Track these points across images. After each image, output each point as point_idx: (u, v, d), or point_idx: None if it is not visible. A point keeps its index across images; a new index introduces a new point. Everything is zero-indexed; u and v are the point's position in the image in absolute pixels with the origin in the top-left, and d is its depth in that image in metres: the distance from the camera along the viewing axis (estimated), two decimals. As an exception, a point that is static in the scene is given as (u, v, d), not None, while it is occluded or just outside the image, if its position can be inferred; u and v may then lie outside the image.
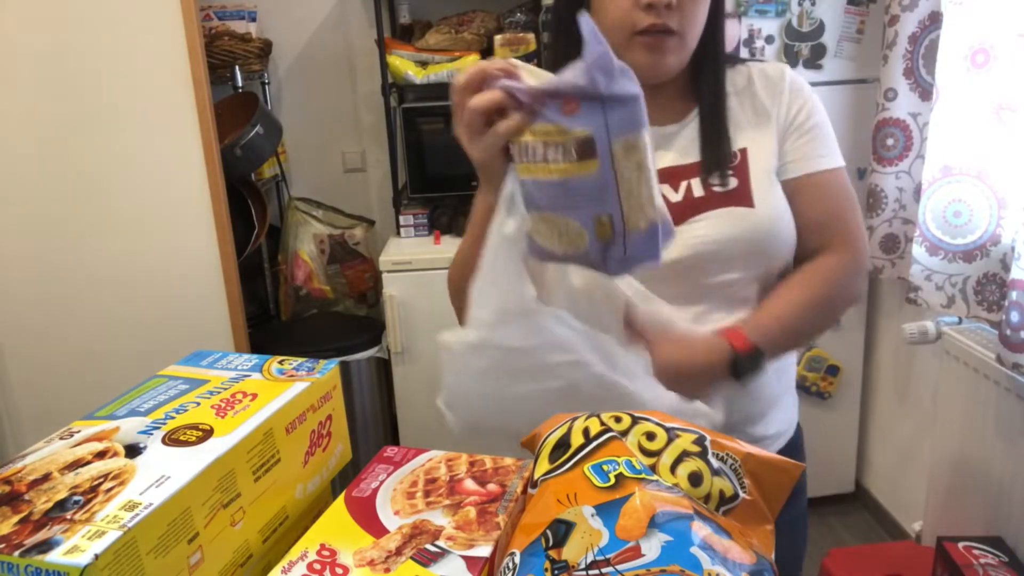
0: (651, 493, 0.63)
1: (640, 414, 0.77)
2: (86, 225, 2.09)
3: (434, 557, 0.65)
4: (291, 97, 2.72)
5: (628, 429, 0.74)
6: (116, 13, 1.95)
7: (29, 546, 0.56)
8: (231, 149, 2.24)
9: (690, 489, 0.68)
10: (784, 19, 2.03)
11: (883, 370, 2.33)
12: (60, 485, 0.64)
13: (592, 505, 0.63)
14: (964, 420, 1.73)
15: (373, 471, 0.79)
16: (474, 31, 2.34)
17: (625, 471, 0.66)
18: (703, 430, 0.74)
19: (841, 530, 2.38)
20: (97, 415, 0.76)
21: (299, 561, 0.65)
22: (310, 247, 2.59)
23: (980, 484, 1.69)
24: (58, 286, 2.13)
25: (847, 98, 2.10)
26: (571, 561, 0.59)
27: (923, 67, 1.88)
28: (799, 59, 2.06)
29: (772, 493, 0.71)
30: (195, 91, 2.01)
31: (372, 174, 2.80)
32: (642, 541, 0.58)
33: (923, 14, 1.85)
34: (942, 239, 1.78)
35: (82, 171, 2.06)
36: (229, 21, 2.54)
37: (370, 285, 2.66)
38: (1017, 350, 1.49)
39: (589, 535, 0.60)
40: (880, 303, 2.31)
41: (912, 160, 1.96)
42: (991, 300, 1.70)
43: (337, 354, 2.32)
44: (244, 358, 0.88)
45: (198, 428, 0.71)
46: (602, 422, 0.75)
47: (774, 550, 0.68)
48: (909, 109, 1.93)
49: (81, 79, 1.99)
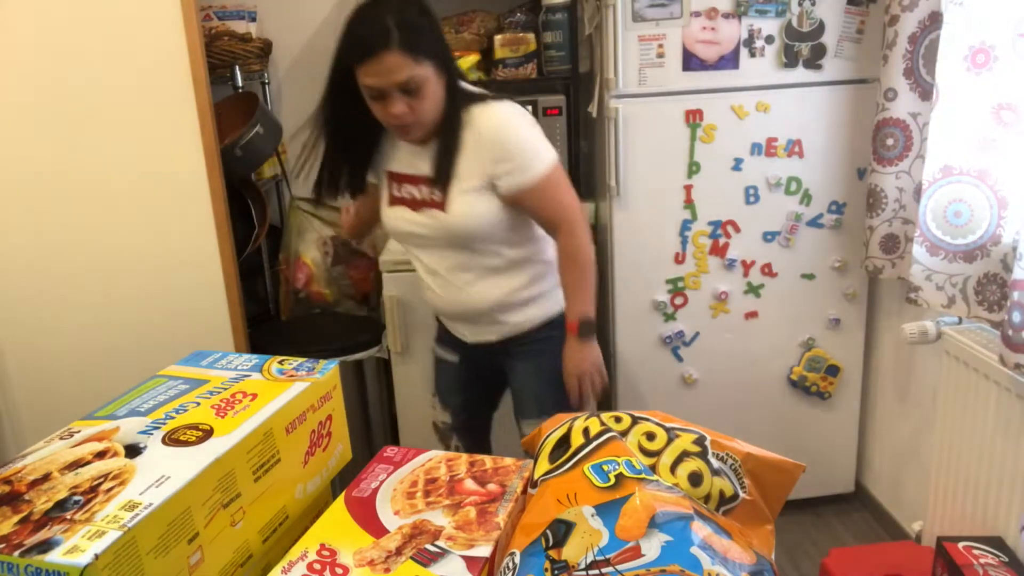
0: (651, 493, 0.63)
1: (640, 414, 0.77)
2: (86, 225, 2.09)
3: (434, 557, 0.65)
4: (291, 97, 2.72)
5: (628, 429, 0.74)
6: (116, 13, 1.95)
7: (29, 546, 0.56)
8: (231, 149, 2.24)
9: (690, 489, 0.68)
10: (784, 19, 2.03)
11: (883, 370, 2.33)
12: (60, 485, 0.64)
13: (592, 505, 0.63)
14: (964, 420, 1.73)
15: (373, 471, 0.79)
16: (474, 31, 2.34)
17: (625, 471, 0.66)
18: (703, 430, 0.74)
19: (841, 530, 2.38)
20: (97, 415, 0.76)
21: (299, 561, 0.65)
22: (313, 252, 2.59)
23: (980, 484, 1.69)
24: (58, 286, 2.13)
25: (847, 98, 2.10)
26: (571, 561, 0.59)
27: (923, 67, 1.88)
28: (799, 59, 2.07)
29: (772, 493, 0.71)
30: (195, 91, 2.01)
31: (372, 174, 2.80)
32: (642, 541, 0.58)
33: (923, 14, 1.84)
34: (942, 239, 1.79)
35: (82, 171, 2.06)
36: (229, 21, 2.54)
37: (374, 286, 2.66)
38: (1019, 350, 1.49)
39: (589, 535, 0.60)
40: (880, 303, 2.31)
41: (912, 160, 1.96)
42: (991, 300, 1.70)
43: (337, 354, 2.31)
44: (244, 358, 0.88)
45: (198, 428, 0.71)
46: (602, 422, 0.75)
47: (774, 550, 0.68)
48: (909, 109, 1.93)
49: (81, 79, 1.99)
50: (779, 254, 2.22)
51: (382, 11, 1.39)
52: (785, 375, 2.33)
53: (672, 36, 2.03)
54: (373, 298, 2.68)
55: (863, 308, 2.30)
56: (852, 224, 2.19)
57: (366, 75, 1.41)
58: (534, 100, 2.31)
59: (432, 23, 1.45)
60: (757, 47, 2.05)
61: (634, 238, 2.19)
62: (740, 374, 2.31)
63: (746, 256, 2.22)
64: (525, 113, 1.56)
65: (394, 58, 1.37)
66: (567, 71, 2.33)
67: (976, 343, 1.69)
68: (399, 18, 1.38)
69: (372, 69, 1.39)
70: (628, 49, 2.03)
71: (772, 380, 2.34)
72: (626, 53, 2.04)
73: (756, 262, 2.23)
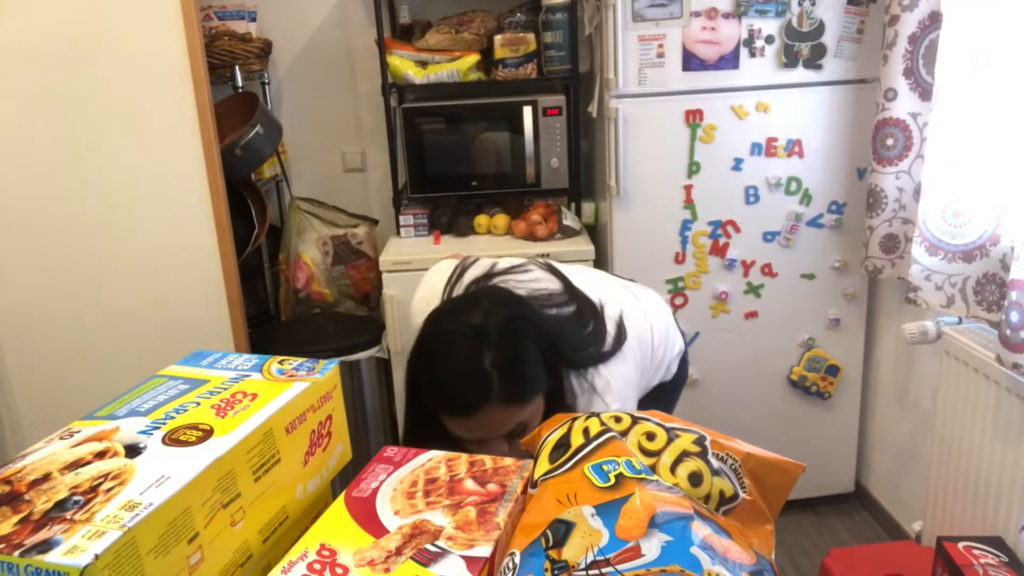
0: (651, 493, 0.63)
1: (640, 414, 0.77)
2: (86, 225, 2.09)
3: (434, 557, 0.64)
4: (291, 97, 2.72)
5: (628, 429, 0.74)
6: (116, 13, 1.96)
7: (29, 546, 0.56)
8: (231, 149, 2.24)
9: (690, 489, 0.68)
10: (784, 19, 2.03)
11: (883, 370, 2.33)
12: (60, 485, 0.64)
13: (592, 505, 0.63)
14: (964, 420, 1.73)
15: (373, 471, 0.79)
16: (474, 31, 2.34)
17: (625, 471, 0.66)
18: (703, 430, 0.74)
19: (841, 530, 2.38)
20: (97, 415, 0.76)
21: (299, 561, 0.65)
22: (313, 252, 2.59)
23: (980, 484, 1.69)
24: (58, 286, 2.13)
25: (847, 98, 2.10)
26: (571, 561, 0.59)
27: (923, 67, 1.88)
28: (799, 59, 2.07)
29: (772, 493, 0.71)
30: (195, 91, 2.01)
31: (372, 174, 2.80)
32: (642, 541, 0.58)
33: (923, 14, 1.84)
34: (942, 239, 1.79)
35: (82, 171, 2.06)
36: (229, 21, 2.54)
37: (374, 285, 2.66)
38: (1017, 350, 1.49)
39: (589, 535, 0.60)
40: (880, 303, 2.31)
41: (912, 160, 1.96)
42: (991, 300, 1.70)
43: (337, 354, 2.31)
44: (244, 358, 0.88)
45: (198, 428, 0.71)
46: (602, 422, 0.75)
47: (774, 550, 0.68)
48: (909, 109, 1.93)
49: (81, 79, 1.99)
50: (779, 254, 2.22)
51: (478, 351, 1.02)
52: (785, 375, 2.33)
53: (672, 36, 2.03)
54: (373, 298, 2.68)
55: (863, 308, 2.30)
56: (852, 224, 2.19)
57: (458, 428, 1.06)
58: (534, 100, 2.31)
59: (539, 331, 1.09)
60: (757, 47, 2.05)
61: (634, 238, 2.19)
62: (740, 374, 2.31)
63: (746, 256, 2.22)
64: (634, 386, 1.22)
65: (496, 414, 1.03)
66: (567, 71, 2.33)
67: (976, 343, 1.69)
68: (501, 356, 1.02)
69: (467, 425, 1.05)
70: (628, 49, 2.03)
71: (772, 380, 2.34)
72: (626, 53, 2.04)
73: (756, 262, 2.23)
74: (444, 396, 1.04)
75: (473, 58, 2.32)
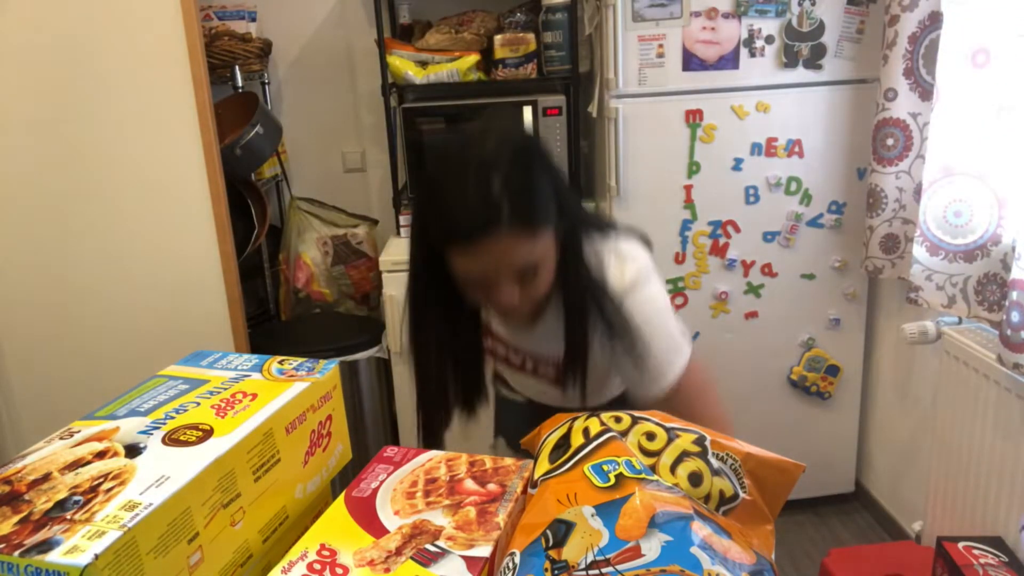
0: (651, 493, 0.63)
1: (640, 414, 0.77)
2: (86, 225, 2.09)
3: (434, 557, 0.65)
4: (291, 97, 2.72)
5: (628, 429, 0.74)
6: (116, 13, 1.96)
7: (29, 546, 0.56)
8: (231, 149, 2.24)
9: (690, 489, 0.68)
10: (784, 19, 2.03)
11: (883, 370, 2.33)
12: (60, 485, 0.64)
13: (592, 505, 0.63)
14: (964, 420, 1.73)
15: (373, 471, 0.79)
16: (474, 31, 2.34)
17: (625, 471, 0.66)
18: (703, 430, 0.74)
19: (841, 530, 2.38)
20: (97, 415, 0.76)
21: (299, 561, 0.65)
22: (314, 252, 2.59)
23: (980, 484, 1.69)
24: (58, 286, 2.13)
25: (847, 98, 2.10)
26: (571, 561, 0.59)
27: (923, 67, 1.88)
28: (799, 59, 2.07)
29: (772, 493, 0.71)
30: (195, 91, 2.01)
31: (372, 174, 2.80)
32: (642, 541, 0.58)
33: (923, 14, 1.84)
34: (942, 239, 1.78)
35: (82, 171, 2.06)
36: (229, 21, 2.54)
37: (374, 285, 2.66)
38: (1017, 350, 1.49)
39: (589, 535, 0.60)
40: (880, 303, 2.31)
41: (912, 160, 1.96)
42: (991, 300, 1.70)
43: (337, 354, 2.31)
44: (244, 358, 0.88)
45: (198, 428, 0.71)
46: (602, 422, 0.75)
47: (774, 550, 0.68)
48: (909, 109, 1.93)
49: (81, 79, 1.99)
50: (779, 254, 2.22)
51: (486, 172, 0.98)
52: (785, 375, 2.33)
53: (672, 36, 2.03)
54: (373, 298, 2.68)
55: (863, 308, 2.30)
56: (852, 224, 2.19)
57: (462, 258, 1.02)
58: (534, 100, 2.31)
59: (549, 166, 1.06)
60: (757, 47, 2.05)
61: (634, 238, 2.19)
62: (740, 374, 2.31)
63: (746, 256, 2.22)
64: (654, 276, 1.20)
65: (505, 241, 0.98)
66: (567, 71, 2.33)
67: (976, 343, 1.69)
68: (511, 178, 0.98)
69: (475, 254, 1.01)
70: (628, 49, 2.03)
71: (772, 380, 2.34)
72: (626, 53, 2.04)
73: (756, 262, 2.23)
74: (452, 221, 1.00)
75: (473, 58, 2.31)
